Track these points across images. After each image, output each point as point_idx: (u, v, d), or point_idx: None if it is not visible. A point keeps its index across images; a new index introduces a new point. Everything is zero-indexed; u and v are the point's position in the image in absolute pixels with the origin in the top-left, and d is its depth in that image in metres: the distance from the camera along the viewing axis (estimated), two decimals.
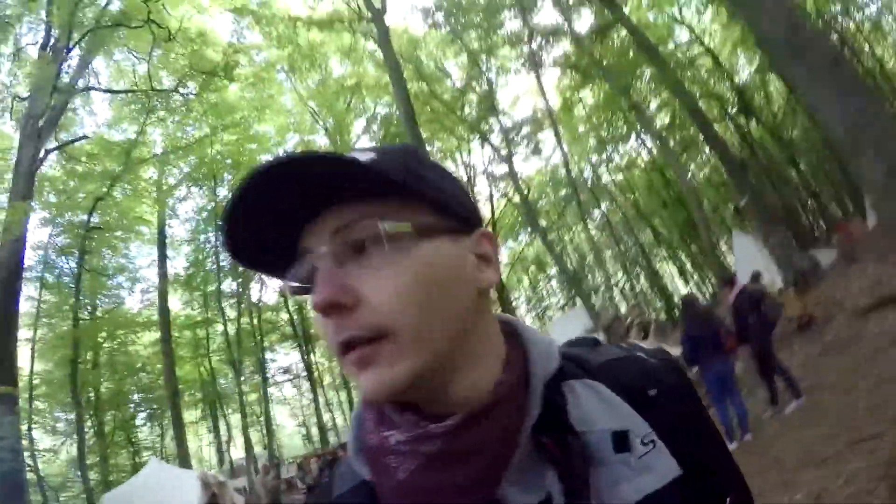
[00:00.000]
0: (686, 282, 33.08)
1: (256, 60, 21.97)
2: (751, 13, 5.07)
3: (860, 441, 4.40)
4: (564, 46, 21.75)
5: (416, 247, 0.52)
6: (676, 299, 30.39)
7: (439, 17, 21.11)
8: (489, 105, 21.62)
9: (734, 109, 20.41)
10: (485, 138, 22.70)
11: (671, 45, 20.29)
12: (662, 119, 25.32)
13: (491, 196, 25.20)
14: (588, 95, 23.76)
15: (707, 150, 20.20)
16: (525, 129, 24.17)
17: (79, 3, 15.55)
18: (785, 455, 5.13)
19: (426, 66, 22.83)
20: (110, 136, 20.55)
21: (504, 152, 22.60)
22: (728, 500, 0.59)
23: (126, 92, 18.87)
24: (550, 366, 0.58)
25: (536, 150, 25.46)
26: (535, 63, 21.36)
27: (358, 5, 17.76)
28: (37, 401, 19.70)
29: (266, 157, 24.74)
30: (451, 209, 0.55)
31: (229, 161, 23.62)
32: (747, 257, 14.94)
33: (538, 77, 21.54)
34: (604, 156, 28.21)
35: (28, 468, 14.75)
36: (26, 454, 14.35)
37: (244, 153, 23.64)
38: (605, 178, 29.74)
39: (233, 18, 20.40)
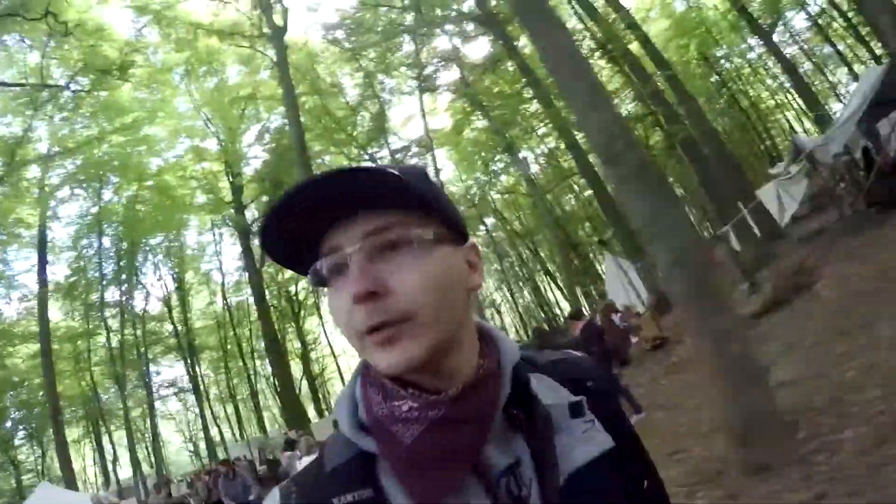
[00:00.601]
0: (566, 297, 35.85)
1: (153, 60, 21.74)
2: (584, 123, 6.44)
3: (676, 452, 5.59)
4: (457, 73, 23.33)
5: (433, 251, 0.66)
6: (559, 312, 32.89)
7: (339, 33, 21.89)
8: (380, 125, 22.58)
9: None
10: (373, 159, 23.60)
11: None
12: (547, 144, 27.69)
13: None
14: (478, 118, 25.27)
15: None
16: (414, 149, 25.29)
17: None
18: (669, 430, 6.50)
19: (322, 81, 23.49)
20: None
21: None
22: (645, 482, 0.78)
23: (16, 85, 18.09)
24: (515, 356, 0.73)
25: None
26: (427, 86, 22.71)
27: (260, 20, 18.29)
28: None
29: (155, 160, 24.40)
30: (453, 223, 0.70)
31: (116, 163, 23.01)
32: (617, 277, 16.82)
33: (421, 102, 22.80)
34: (489, 177, 29.85)
35: None
36: None
37: (133, 155, 23.14)
38: (493, 195, 31.47)
39: (133, 16, 20.13)
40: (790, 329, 7.86)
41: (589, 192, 23.86)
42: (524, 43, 19.59)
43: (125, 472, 24.98)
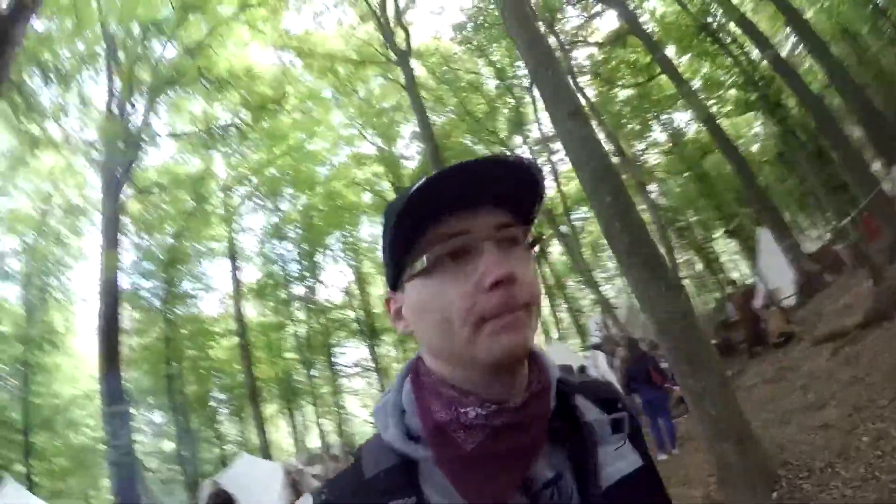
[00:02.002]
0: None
1: (302, 87, 24.47)
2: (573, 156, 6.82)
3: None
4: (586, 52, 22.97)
5: (531, 255, 0.74)
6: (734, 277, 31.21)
7: (467, 31, 22.62)
8: (518, 117, 23.02)
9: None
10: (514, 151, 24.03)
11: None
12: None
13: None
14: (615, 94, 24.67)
15: None
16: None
17: (136, 62, 18.55)
18: (693, 471, 6.82)
19: (460, 80, 24.51)
20: (176, 167, 23.68)
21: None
22: None
23: (188, 133, 21.95)
24: (557, 372, 0.78)
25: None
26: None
27: (384, 46, 19.75)
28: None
29: (322, 170, 27.67)
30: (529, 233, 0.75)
31: (288, 177, 26.63)
32: (772, 255, 15.83)
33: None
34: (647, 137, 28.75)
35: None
36: None
37: (301, 169, 26.54)
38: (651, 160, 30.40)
39: (274, 53, 22.82)
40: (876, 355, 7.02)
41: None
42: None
43: (315, 442, 29.00)
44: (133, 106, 18.87)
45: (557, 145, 25.36)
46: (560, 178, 25.24)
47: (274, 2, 20.10)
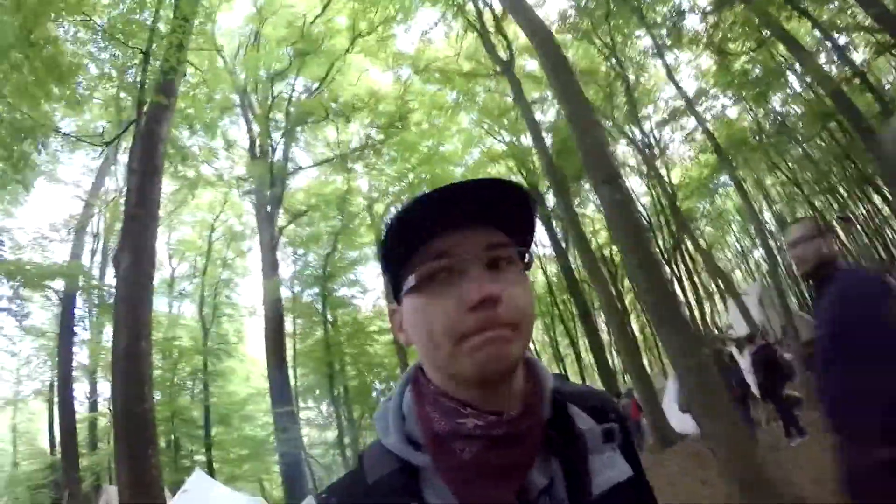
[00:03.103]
0: None
1: (425, 93, 26.01)
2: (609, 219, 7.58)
3: None
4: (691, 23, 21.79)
5: (525, 275, 0.77)
6: None
7: (571, 19, 22.41)
8: (631, 103, 22.53)
9: None
10: (632, 140, 23.85)
11: None
12: None
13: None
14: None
15: None
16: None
17: (269, 107, 21.21)
18: None
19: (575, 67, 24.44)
20: (322, 186, 26.46)
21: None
22: None
23: (326, 161, 24.51)
24: (552, 382, 0.82)
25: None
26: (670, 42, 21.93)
27: (491, 59, 20.50)
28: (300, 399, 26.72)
29: (458, 170, 29.27)
30: (531, 251, 0.78)
31: (427, 180, 28.53)
32: None
33: (665, 65, 21.95)
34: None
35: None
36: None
37: (437, 173, 28.27)
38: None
39: (392, 71, 24.51)
40: None
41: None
42: None
43: None
44: (273, 146, 21.64)
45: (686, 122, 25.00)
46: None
47: (382, 27, 21.64)
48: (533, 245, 0.82)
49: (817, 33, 18.36)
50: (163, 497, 7.86)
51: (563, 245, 25.51)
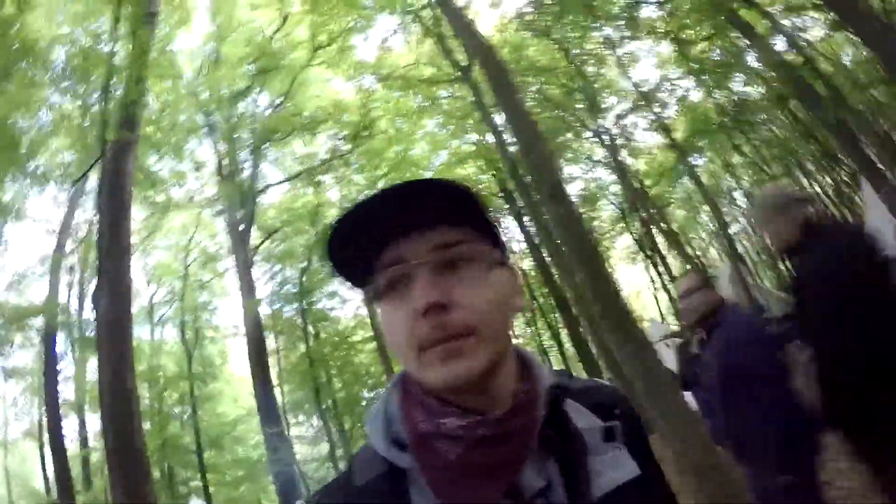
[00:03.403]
0: None
1: (389, 100, 26.17)
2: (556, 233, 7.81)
3: None
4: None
5: (493, 271, 0.75)
6: None
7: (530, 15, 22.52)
8: (591, 97, 22.77)
9: None
10: (598, 134, 24.03)
11: None
12: None
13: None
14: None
15: None
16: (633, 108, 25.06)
17: (232, 126, 21.34)
18: None
19: (535, 68, 24.80)
20: (293, 201, 26.58)
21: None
22: None
23: (295, 177, 24.69)
24: (549, 380, 0.80)
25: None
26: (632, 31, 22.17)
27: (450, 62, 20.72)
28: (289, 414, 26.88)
29: (426, 174, 29.45)
30: (501, 244, 0.78)
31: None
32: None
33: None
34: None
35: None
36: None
37: (407, 177, 28.42)
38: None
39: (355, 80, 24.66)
40: None
41: None
42: None
43: None
44: (241, 166, 21.78)
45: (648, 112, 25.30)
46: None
47: (342, 38, 21.80)
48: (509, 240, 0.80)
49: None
50: None
51: (536, 240, 25.79)
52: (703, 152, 28.09)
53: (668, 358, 13.02)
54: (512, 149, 17.14)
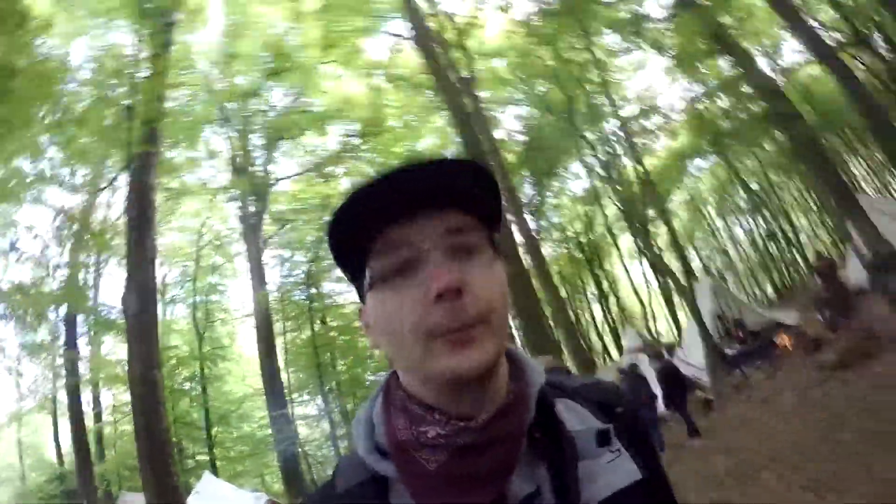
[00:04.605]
0: None
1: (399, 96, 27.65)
2: None
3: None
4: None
5: (497, 259, 0.73)
6: None
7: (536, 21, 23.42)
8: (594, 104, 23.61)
9: None
10: (606, 139, 24.78)
11: None
12: None
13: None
14: None
15: None
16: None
17: (246, 123, 22.96)
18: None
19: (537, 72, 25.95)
20: (305, 191, 28.26)
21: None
22: None
23: (306, 172, 26.44)
24: (540, 380, 0.77)
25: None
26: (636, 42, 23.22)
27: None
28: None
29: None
30: (496, 234, 0.76)
31: None
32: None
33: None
34: None
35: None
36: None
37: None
38: None
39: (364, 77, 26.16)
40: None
41: None
42: None
43: None
44: (253, 161, 23.47)
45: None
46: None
47: (352, 38, 23.27)
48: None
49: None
50: (183, 499, 9.98)
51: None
52: (707, 155, 28.97)
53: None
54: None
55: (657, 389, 12.03)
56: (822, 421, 7.70)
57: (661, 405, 12.18)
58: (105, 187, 15.28)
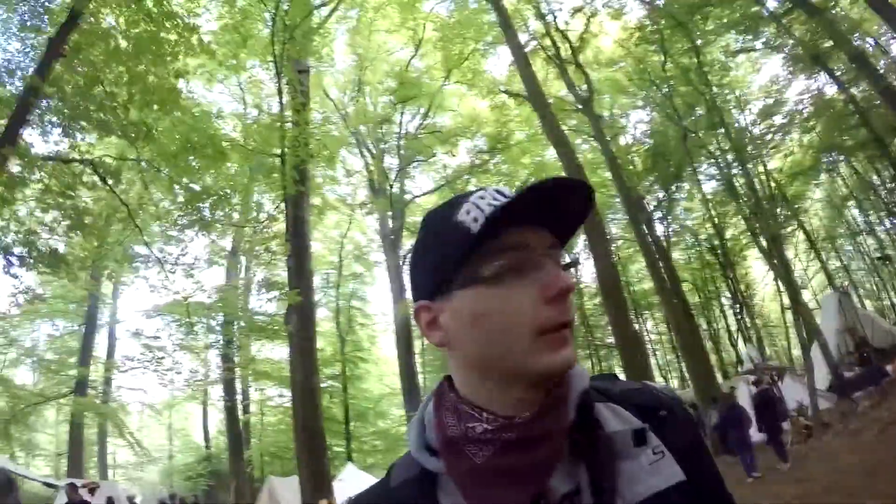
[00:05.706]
0: None
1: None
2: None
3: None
4: None
5: None
6: None
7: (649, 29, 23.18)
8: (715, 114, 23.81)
9: None
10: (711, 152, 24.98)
11: None
12: None
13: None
14: None
15: None
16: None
17: (381, 148, 25.67)
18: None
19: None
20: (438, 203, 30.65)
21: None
22: None
23: (437, 189, 28.90)
24: (584, 383, 0.81)
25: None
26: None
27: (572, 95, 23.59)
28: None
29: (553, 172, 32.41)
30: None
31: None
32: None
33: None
34: None
35: None
36: None
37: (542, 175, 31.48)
38: None
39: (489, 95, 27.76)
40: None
41: None
42: None
43: None
44: (390, 184, 26.29)
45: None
46: None
47: (472, 59, 25.22)
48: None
49: None
50: (330, 486, 12.65)
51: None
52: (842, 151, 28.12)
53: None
54: None
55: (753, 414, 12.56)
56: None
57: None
58: (265, 223, 17.86)
